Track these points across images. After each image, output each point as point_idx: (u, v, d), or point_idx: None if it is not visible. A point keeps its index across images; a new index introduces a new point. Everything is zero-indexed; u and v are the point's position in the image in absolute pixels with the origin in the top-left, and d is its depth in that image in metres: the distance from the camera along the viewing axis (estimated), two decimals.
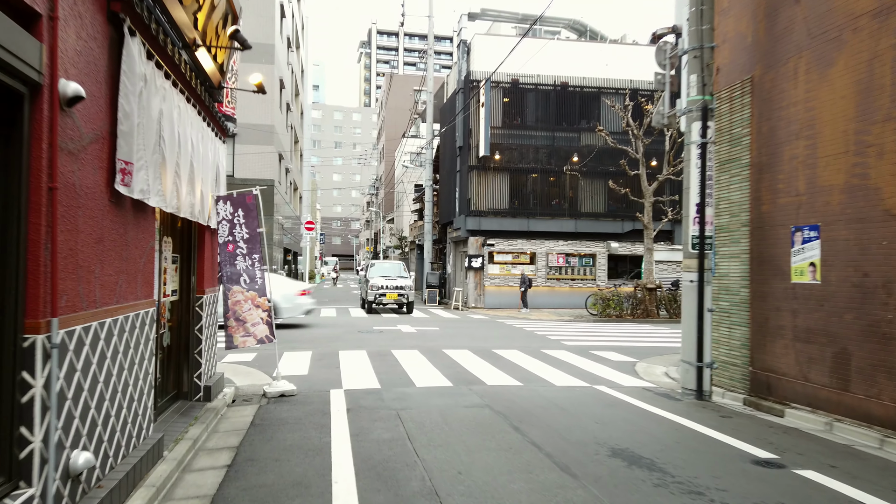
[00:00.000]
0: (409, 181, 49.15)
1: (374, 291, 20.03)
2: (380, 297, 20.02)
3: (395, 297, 20.15)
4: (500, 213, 23.29)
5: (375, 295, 20.02)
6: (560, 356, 11.05)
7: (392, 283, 20.23)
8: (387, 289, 20.10)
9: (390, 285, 20.19)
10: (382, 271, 21.66)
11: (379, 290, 20.04)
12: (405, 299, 20.26)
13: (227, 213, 7.49)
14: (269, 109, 22.94)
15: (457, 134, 24.52)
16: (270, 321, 7.77)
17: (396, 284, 20.27)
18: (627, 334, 15.21)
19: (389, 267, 22.28)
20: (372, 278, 20.61)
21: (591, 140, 23.60)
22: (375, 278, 20.58)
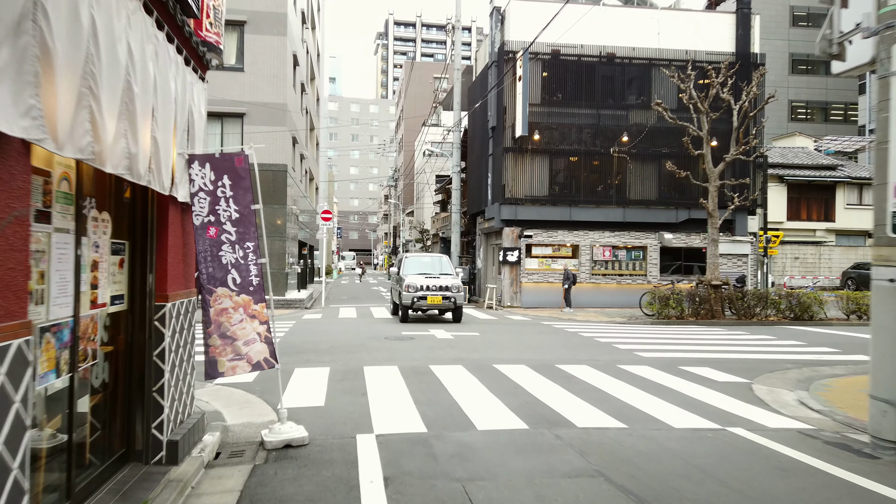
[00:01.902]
0: (431, 171, 46.80)
1: (411, 293, 15.15)
2: (419, 300, 15.15)
3: (440, 300, 15.22)
4: (539, 201, 20.82)
5: (413, 298, 15.14)
6: (645, 374, 8.62)
7: (435, 283, 15.43)
8: (428, 290, 15.23)
9: (433, 285, 15.35)
10: (421, 267, 16.67)
11: (418, 291, 15.19)
12: (452, 303, 15.33)
13: (207, 182, 5.15)
14: (281, 87, 20.70)
15: (489, 113, 22.05)
16: (271, 338, 5.44)
17: (441, 284, 15.40)
18: (703, 341, 12.69)
19: (430, 261, 17.37)
20: (408, 276, 15.77)
21: (641, 118, 21.02)
22: (413, 276, 15.77)
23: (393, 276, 18.08)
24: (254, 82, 20.48)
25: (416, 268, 16.51)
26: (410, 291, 15.25)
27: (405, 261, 17.17)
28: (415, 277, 15.67)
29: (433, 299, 15.18)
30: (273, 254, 19.86)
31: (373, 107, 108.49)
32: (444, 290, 15.24)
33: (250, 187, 5.37)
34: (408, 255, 17.82)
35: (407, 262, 17.07)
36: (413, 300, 15.17)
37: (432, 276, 15.91)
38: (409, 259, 17.40)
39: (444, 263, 17.26)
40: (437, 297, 15.18)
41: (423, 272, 16.11)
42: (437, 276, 15.89)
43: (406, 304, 15.28)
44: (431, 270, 16.36)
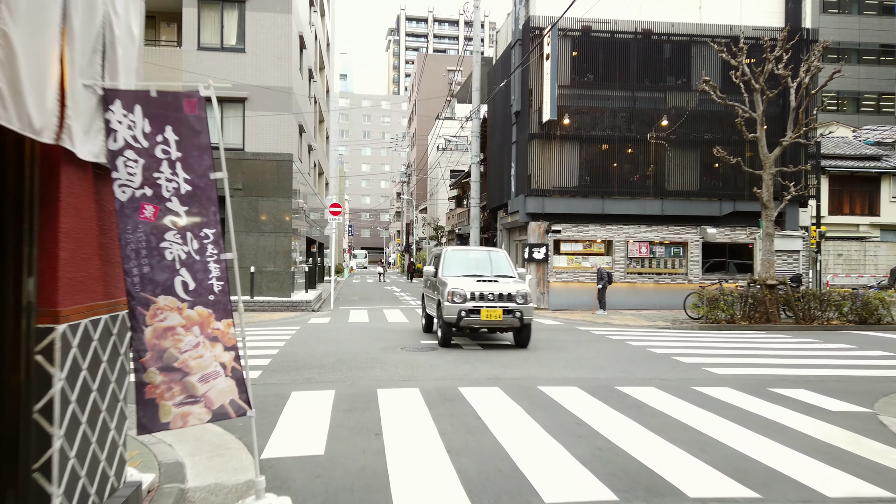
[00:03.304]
0: (445, 166, 45.02)
1: (456, 305, 10.14)
2: (469, 314, 10.12)
3: (499, 315, 10.10)
4: (568, 193, 18.97)
5: (461, 312, 10.12)
6: (732, 399, 6.79)
7: (492, 289, 10.29)
8: (482, 299, 10.19)
9: (489, 293, 10.23)
10: (468, 265, 11.69)
11: (467, 301, 10.16)
12: (518, 319, 10.20)
13: (138, 135, 3.40)
14: (285, 70, 19.00)
15: (512, 97, 20.22)
16: (242, 371, 3.71)
17: (500, 291, 10.26)
18: (774, 351, 10.80)
19: (479, 258, 12.20)
20: (450, 279, 10.75)
21: (681, 101, 19.09)
22: (458, 279, 10.73)
23: (426, 279, 12.63)
24: (256, 64, 18.79)
25: (460, 266, 11.53)
26: (456, 302, 10.10)
27: (446, 257, 11.87)
28: (461, 281, 10.58)
29: (490, 313, 10.02)
30: (278, 251, 18.18)
31: (385, 103, 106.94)
32: (506, 300, 10.15)
33: (209, 146, 3.61)
34: (449, 250, 12.31)
35: (448, 258, 11.81)
36: (460, 315, 10.03)
37: (485, 278, 10.92)
38: (450, 254, 12.02)
39: (500, 260, 11.96)
40: (495, 309, 10.04)
41: (471, 273, 11.25)
42: (493, 280, 10.80)
43: (450, 321, 10.15)
44: (482, 270, 11.47)
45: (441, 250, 12.55)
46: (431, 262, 12.66)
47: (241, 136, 18.97)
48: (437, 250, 13.36)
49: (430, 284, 12.06)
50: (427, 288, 12.64)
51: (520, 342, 10.81)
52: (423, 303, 13.05)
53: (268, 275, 18.12)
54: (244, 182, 17.93)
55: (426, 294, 12.72)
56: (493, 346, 10.92)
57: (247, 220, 18.00)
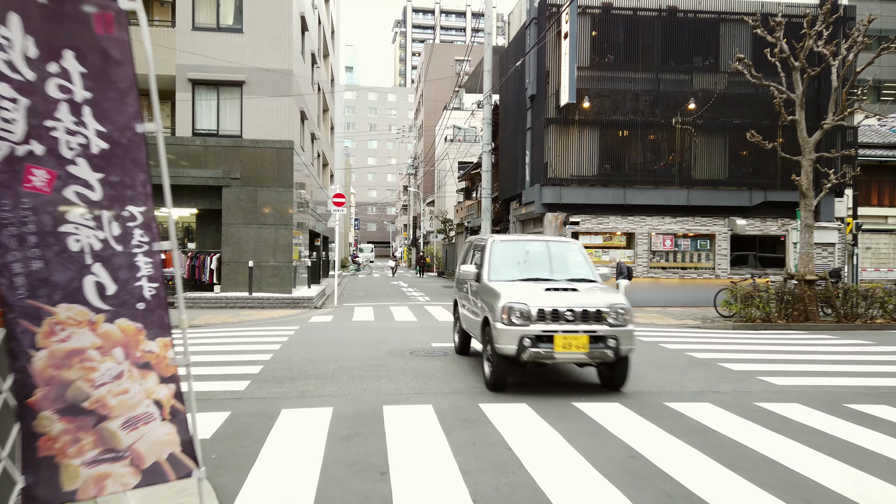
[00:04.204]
0: (454, 157, 43.80)
1: (516, 328, 6.42)
2: (538, 342, 6.39)
3: (584, 343, 6.37)
4: (587, 182, 17.76)
5: (524, 338, 6.39)
6: (809, 420, 5.64)
7: (571, 303, 6.54)
8: (556, 318, 6.44)
9: (568, 308, 6.47)
10: (527, 263, 7.87)
11: (533, 322, 6.44)
12: (612, 349, 6.44)
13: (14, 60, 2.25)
14: (286, 51, 17.85)
15: (527, 80, 19.00)
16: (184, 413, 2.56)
17: (585, 306, 6.52)
18: (827, 356, 9.62)
19: (542, 251, 8.11)
20: (503, 286, 7.03)
21: (708, 83, 17.83)
22: (513, 287, 7.02)
23: (460, 281, 8.89)
24: (255, 45, 17.66)
25: (514, 265, 7.73)
26: (516, 323, 6.44)
27: (492, 251, 7.89)
28: (520, 289, 6.86)
29: (570, 342, 6.35)
30: (278, 245, 17.10)
31: (391, 95, 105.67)
32: (594, 321, 6.46)
33: (134, 85, 2.49)
34: (496, 240, 8.16)
35: (495, 253, 7.88)
36: (522, 344, 6.37)
37: (555, 284, 7.15)
38: (499, 247, 8.00)
39: (573, 255, 8.07)
40: (577, 336, 6.37)
41: (531, 275, 7.51)
42: (568, 287, 6.98)
43: (506, 352, 6.50)
44: (547, 271, 7.65)
45: (484, 241, 8.15)
46: (469, 258, 8.68)
47: (238, 121, 17.86)
48: (476, 241, 8.73)
49: (469, 291, 8.05)
50: (463, 294, 8.57)
51: (610, 381, 6.84)
52: (456, 313, 9.21)
53: (267, 270, 17.05)
54: (242, 171, 16.84)
55: (462, 303, 8.69)
56: None
57: (245, 212, 16.91)
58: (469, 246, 9.15)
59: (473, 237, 9.27)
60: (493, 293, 6.86)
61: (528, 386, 7.04)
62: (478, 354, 8.87)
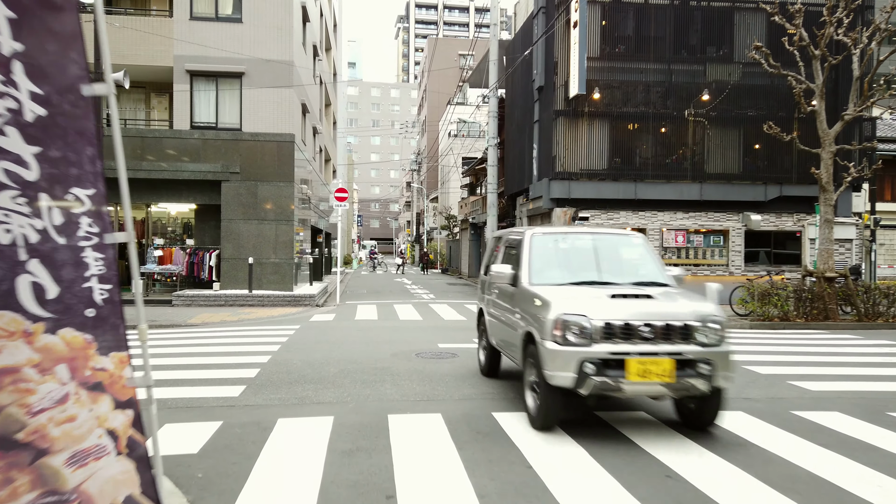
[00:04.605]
0: (458, 153, 43.28)
1: (575, 349, 4.66)
2: (606, 368, 4.64)
3: (668, 370, 4.61)
4: (597, 176, 17.24)
5: (586, 363, 4.62)
6: (855, 432, 5.15)
7: (647, 313, 4.77)
8: (630, 335, 4.68)
9: (643, 321, 4.69)
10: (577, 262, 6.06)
11: (595, 339, 4.68)
12: (704, 377, 4.68)
13: None
14: (286, 42, 17.36)
15: (534, 71, 18.48)
16: (146, 444, 2.06)
17: (667, 318, 4.74)
18: (858, 357, 9.10)
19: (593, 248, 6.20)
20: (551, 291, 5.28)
21: (722, 74, 17.28)
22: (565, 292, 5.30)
23: (489, 284, 7.15)
24: (254, 36, 17.16)
25: (561, 265, 6.08)
26: (573, 342, 4.72)
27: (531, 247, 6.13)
28: (575, 294, 5.22)
29: (649, 368, 4.63)
30: (279, 241, 16.62)
31: (394, 91, 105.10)
32: (680, 338, 4.75)
33: (79, 37, 1.98)
34: (535, 234, 6.31)
35: (536, 250, 6.12)
36: (583, 370, 4.64)
37: (617, 287, 5.47)
38: (540, 242, 6.23)
39: (635, 251, 6.32)
40: (659, 360, 4.66)
41: (583, 277, 5.77)
42: (638, 293, 5.23)
43: (562, 382, 4.74)
44: (603, 272, 5.88)
45: (520, 234, 6.40)
46: (497, 257, 7.03)
47: (238, 114, 17.38)
48: (507, 235, 7.04)
49: (502, 298, 6.40)
50: (491, 301, 6.90)
51: (696, 419, 5.16)
52: (482, 324, 7.48)
53: (268, 266, 16.58)
54: (242, 165, 16.36)
55: (489, 312, 7.01)
56: None
57: (245, 207, 16.44)
58: (497, 242, 7.50)
59: (503, 231, 7.60)
60: (540, 301, 5.10)
61: None
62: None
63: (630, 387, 4.66)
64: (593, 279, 5.73)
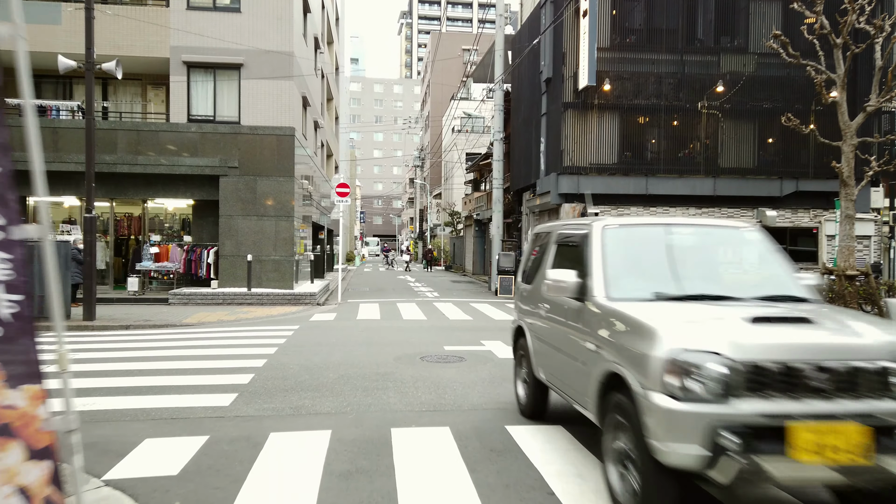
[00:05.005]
0: (461, 148, 42.73)
1: (703, 409, 2.84)
2: (756, 443, 2.75)
3: (861, 444, 2.77)
4: (607, 171, 16.71)
5: (723, 431, 2.77)
6: None
7: (812, 348, 2.98)
8: (789, 386, 2.88)
9: (816, 365, 2.90)
10: (679, 270, 4.09)
11: (736, 395, 2.86)
12: None
13: None
14: (286, 33, 16.84)
15: (542, 62, 17.93)
16: None
17: (843, 353, 2.97)
18: None
19: (697, 245, 4.37)
20: (660, 315, 3.36)
21: (736, 65, 16.71)
22: (680, 312, 3.47)
23: (542, 296, 4.98)
24: (253, 26, 16.65)
25: (651, 272, 4.12)
26: (700, 395, 2.88)
27: (603, 242, 4.19)
28: (692, 316, 3.45)
29: (829, 442, 2.77)
30: (279, 238, 16.13)
31: (397, 87, 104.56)
32: (868, 391, 2.92)
33: None
34: (606, 225, 4.34)
35: (613, 246, 4.18)
36: (720, 441, 2.78)
37: (747, 305, 3.65)
38: (615, 236, 4.27)
39: (754, 251, 4.33)
40: (844, 427, 2.79)
41: (687, 289, 3.87)
42: (788, 315, 3.38)
43: (683, 462, 2.88)
44: (711, 282, 4.05)
45: (582, 228, 4.62)
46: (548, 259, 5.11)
47: (236, 107, 16.88)
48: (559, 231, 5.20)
49: (560, 314, 4.58)
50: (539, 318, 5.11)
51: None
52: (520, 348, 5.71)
53: (267, 264, 16.09)
54: (240, 159, 15.85)
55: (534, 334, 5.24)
56: None
57: (244, 203, 15.94)
58: (538, 240, 5.65)
59: (550, 224, 5.51)
60: (635, 326, 3.33)
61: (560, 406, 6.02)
62: (493, 359, 7.85)
63: (793, 472, 2.78)
64: (702, 292, 3.82)
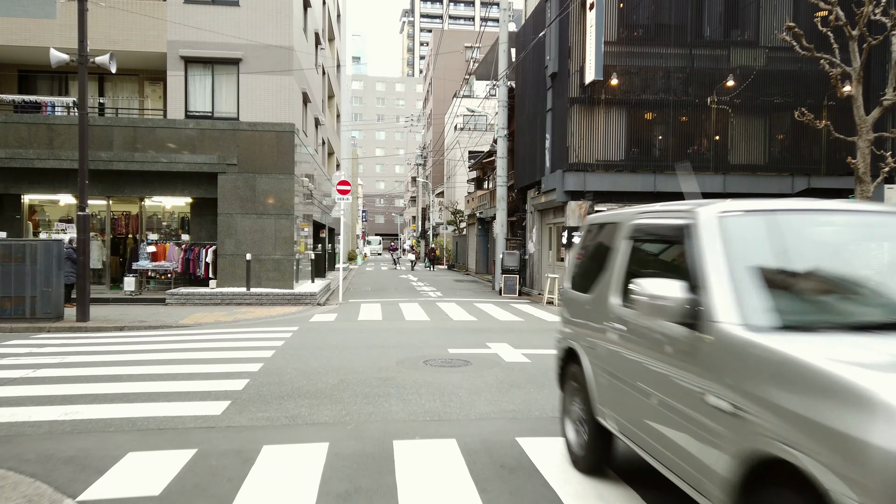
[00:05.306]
0: (464, 146, 42.37)
1: None
2: None
3: None
4: (614, 167, 16.32)
5: None
6: None
7: None
8: None
9: None
10: (859, 278, 2.79)
11: None
12: None
13: None
14: (286, 26, 16.48)
15: (547, 57, 17.55)
16: None
17: None
18: None
19: (870, 236, 3.01)
20: None
21: (747, 59, 16.30)
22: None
23: (613, 314, 3.61)
24: (252, 19, 16.29)
25: (820, 279, 2.72)
26: None
27: (725, 237, 2.77)
28: None
29: None
30: (278, 237, 15.79)
31: (399, 85, 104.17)
32: None
33: None
34: (725, 212, 2.89)
35: (735, 236, 2.78)
36: None
37: None
38: (742, 228, 2.84)
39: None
40: None
41: (880, 315, 2.57)
42: None
43: None
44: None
45: (683, 217, 3.06)
46: (622, 263, 3.72)
47: (234, 103, 16.53)
48: (631, 221, 3.77)
49: (649, 346, 3.16)
50: (605, 340, 3.72)
51: None
52: (579, 382, 4.16)
53: (267, 263, 15.74)
54: (239, 156, 15.50)
55: (603, 366, 3.77)
56: (540, 357, 8.39)
57: (242, 201, 15.59)
58: (600, 232, 4.32)
59: (618, 213, 4.18)
60: (814, 381, 2.00)
61: None
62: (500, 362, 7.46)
63: None
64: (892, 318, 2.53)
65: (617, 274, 3.71)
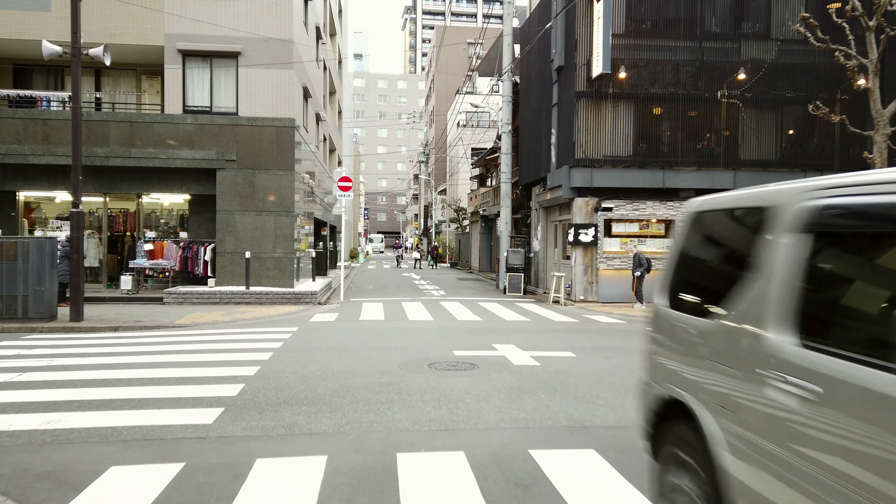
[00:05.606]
0: (467, 143, 41.95)
1: None
2: None
3: None
4: (622, 163, 15.94)
5: None
6: None
7: None
8: None
9: None
10: None
11: None
12: None
13: None
14: (285, 19, 16.11)
15: (553, 50, 17.17)
16: None
17: None
18: None
19: None
20: None
21: (758, 52, 15.91)
22: None
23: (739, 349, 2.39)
24: (251, 12, 15.93)
25: None
26: None
27: None
28: None
29: None
30: (278, 234, 15.45)
31: (401, 82, 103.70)
32: None
33: None
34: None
35: None
36: None
37: None
38: None
39: None
40: None
41: None
42: None
43: None
44: None
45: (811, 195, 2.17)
46: (788, 268, 2.21)
47: (233, 97, 16.18)
48: (831, 201, 2.06)
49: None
50: (761, 397, 2.20)
51: None
52: (697, 459, 2.62)
53: (267, 261, 15.40)
54: (238, 152, 15.16)
55: (741, 440, 2.29)
56: (549, 360, 8.02)
57: (242, 197, 15.26)
58: (729, 221, 2.92)
59: (775, 190, 2.46)
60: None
61: (585, 425, 5.31)
62: (508, 365, 7.10)
63: None
64: None
65: (778, 291, 2.24)
